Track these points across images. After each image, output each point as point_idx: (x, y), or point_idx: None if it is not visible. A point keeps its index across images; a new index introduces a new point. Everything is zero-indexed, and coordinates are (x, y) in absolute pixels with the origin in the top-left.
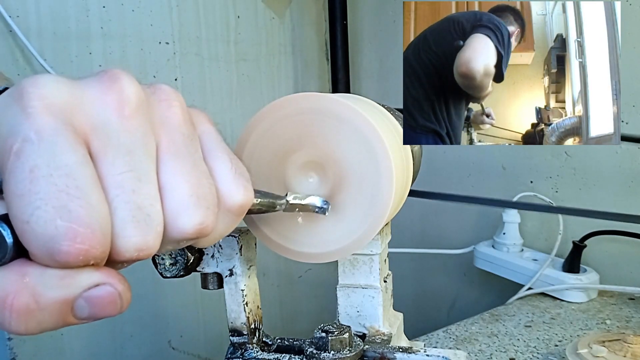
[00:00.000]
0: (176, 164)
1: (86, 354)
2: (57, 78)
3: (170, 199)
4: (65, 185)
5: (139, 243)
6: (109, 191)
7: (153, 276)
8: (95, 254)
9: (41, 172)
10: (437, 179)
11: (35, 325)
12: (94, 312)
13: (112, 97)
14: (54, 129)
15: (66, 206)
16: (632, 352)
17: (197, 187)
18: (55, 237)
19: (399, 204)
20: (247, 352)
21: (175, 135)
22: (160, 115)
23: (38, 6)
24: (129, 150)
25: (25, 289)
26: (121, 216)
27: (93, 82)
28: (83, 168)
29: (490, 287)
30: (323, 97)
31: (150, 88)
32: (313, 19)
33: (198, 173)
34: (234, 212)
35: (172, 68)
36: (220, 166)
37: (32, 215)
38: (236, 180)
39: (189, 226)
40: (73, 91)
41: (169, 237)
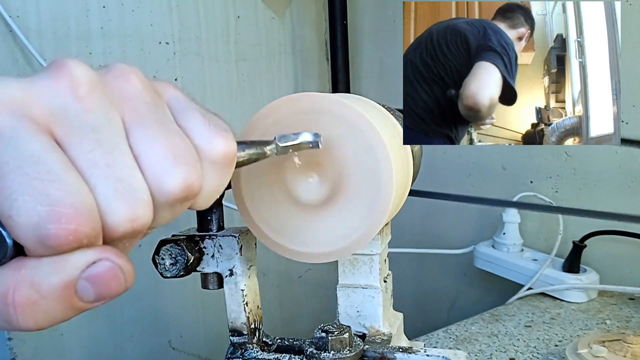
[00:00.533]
0: (144, 131)
1: (86, 354)
2: (4, 78)
3: (147, 164)
4: (37, 173)
5: (129, 214)
6: (84, 171)
7: (153, 276)
8: (86, 232)
9: (9, 167)
10: (437, 179)
11: (43, 316)
12: (99, 291)
13: (63, 82)
14: (12, 125)
15: (43, 191)
16: (632, 352)
17: (170, 147)
18: (39, 223)
19: (399, 204)
20: (247, 352)
21: (137, 104)
22: (119, 89)
23: (38, 6)
24: (92, 128)
25: (23, 281)
26: (103, 192)
27: (42, 74)
28: (50, 153)
29: (490, 287)
30: (323, 97)
31: (103, 68)
32: (313, 19)
33: (169, 133)
34: (219, 162)
35: (172, 68)
36: (192, 123)
37: (12, 209)
38: (212, 131)
39: (174, 186)
40: (23, 86)
41: (160, 203)
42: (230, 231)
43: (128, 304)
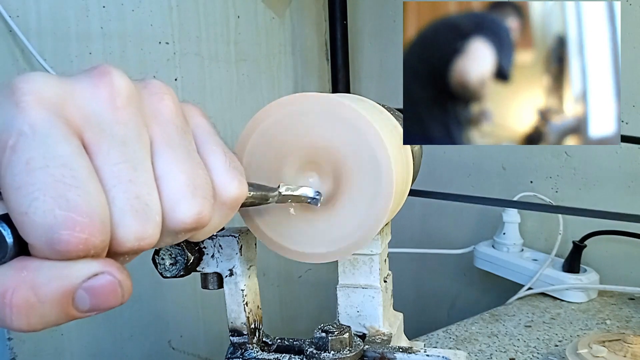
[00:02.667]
0: (171, 155)
1: (86, 354)
2: (47, 74)
3: (167, 188)
4: (61, 176)
5: (139, 232)
6: (105, 182)
7: (153, 276)
8: (95, 243)
9: (37, 164)
10: (437, 179)
11: (38, 320)
12: (95, 302)
13: (103, 89)
14: (47, 122)
15: (64, 196)
16: (632, 352)
17: (193, 177)
18: (54, 226)
19: (399, 204)
20: (247, 352)
21: (168, 126)
22: (152, 108)
23: (38, 6)
24: (122, 141)
25: (24, 283)
26: (120, 206)
27: (83, 77)
28: (78, 158)
29: (490, 287)
30: (323, 97)
31: (141, 83)
32: (313, 19)
33: (193, 163)
34: (229, 205)
35: (172, 68)
36: (214, 159)
37: (30, 207)
38: (230, 173)
39: (187, 215)
40: (64, 86)
41: (167, 228)
42: (230, 231)
43: (128, 304)
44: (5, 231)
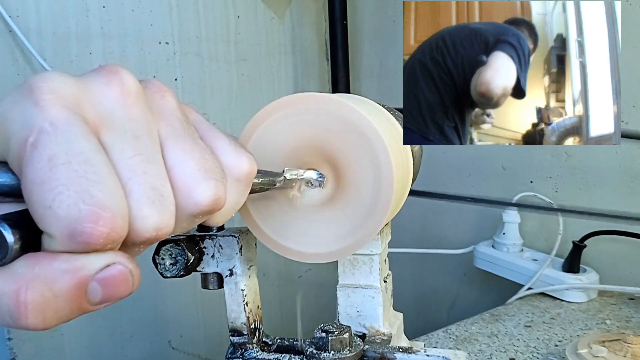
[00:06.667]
0: (179, 145)
1: (86, 354)
2: (63, 74)
3: (180, 176)
4: (84, 172)
5: (157, 222)
6: (121, 175)
7: (153, 276)
8: (114, 238)
9: (60, 160)
10: (437, 179)
11: (53, 315)
12: (107, 293)
13: (115, 88)
14: (67, 119)
15: (88, 190)
16: (632, 352)
17: (202, 162)
18: (78, 219)
19: (399, 203)
20: (247, 352)
21: (172, 120)
22: (156, 104)
23: (38, 6)
24: (135, 135)
25: (37, 278)
26: (136, 198)
27: (94, 76)
28: (98, 154)
29: (490, 287)
30: (323, 98)
31: (143, 82)
32: (313, 19)
33: (200, 149)
34: (243, 180)
35: (172, 68)
36: (219, 142)
37: (55, 201)
38: (237, 151)
39: (204, 197)
40: (79, 85)
41: (185, 213)
42: (230, 231)
43: (128, 304)
44: (5, 231)
